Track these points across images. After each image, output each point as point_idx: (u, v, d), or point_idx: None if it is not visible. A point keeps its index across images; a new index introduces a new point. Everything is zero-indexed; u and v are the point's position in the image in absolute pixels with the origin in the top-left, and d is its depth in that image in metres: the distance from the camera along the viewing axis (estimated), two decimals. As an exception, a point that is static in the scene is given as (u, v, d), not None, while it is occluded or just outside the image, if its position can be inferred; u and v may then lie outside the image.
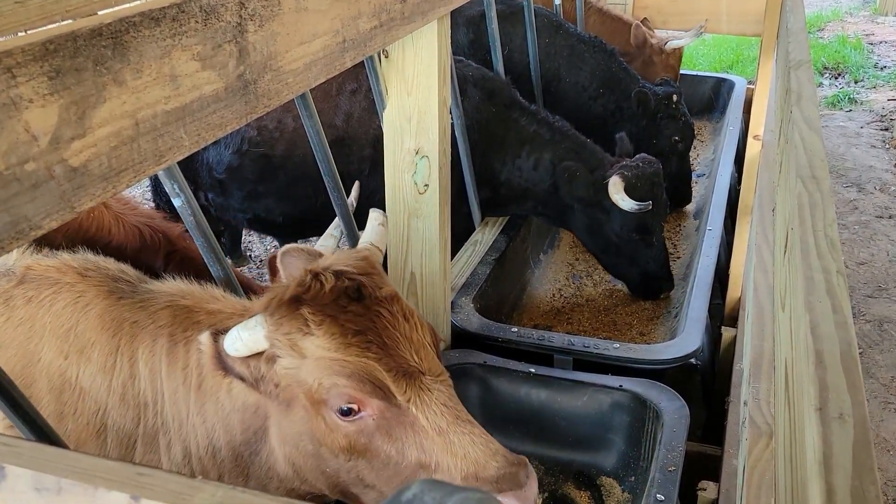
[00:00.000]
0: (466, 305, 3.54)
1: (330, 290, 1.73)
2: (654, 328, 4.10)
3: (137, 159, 1.40)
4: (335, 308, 1.72)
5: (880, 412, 4.14)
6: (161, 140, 1.46)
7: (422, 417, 1.70)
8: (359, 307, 1.74)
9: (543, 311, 4.21)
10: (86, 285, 2.03)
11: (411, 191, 3.07)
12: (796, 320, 1.19)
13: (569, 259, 4.73)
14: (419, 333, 1.78)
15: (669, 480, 2.64)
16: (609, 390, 3.10)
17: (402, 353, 1.73)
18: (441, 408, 1.71)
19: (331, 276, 1.75)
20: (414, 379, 1.72)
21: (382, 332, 1.73)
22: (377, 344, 1.71)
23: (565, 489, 3.12)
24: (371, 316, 1.74)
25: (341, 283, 1.75)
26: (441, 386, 1.74)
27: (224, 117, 1.63)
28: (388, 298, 1.78)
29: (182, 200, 2.00)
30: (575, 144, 4.20)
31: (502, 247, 4.11)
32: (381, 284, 1.80)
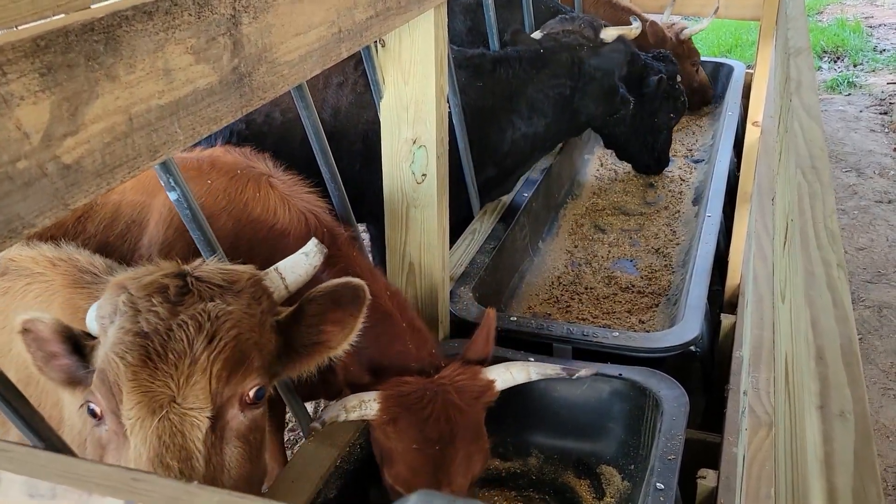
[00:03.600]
0: (465, 295, 3.54)
1: (150, 281, 1.65)
2: (653, 315, 4.09)
3: (131, 155, 1.39)
4: (145, 302, 1.62)
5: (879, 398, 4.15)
6: (155, 135, 1.44)
7: (132, 444, 1.57)
8: (166, 309, 1.62)
9: (542, 298, 4.20)
10: (54, 275, 2.04)
11: (409, 181, 3.05)
12: (797, 314, 1.18)
13: (567, 246, 4.72)
14: (208, 359, 1.60)
15: (669, 469, 2.64)
16: (608, 379, 3.10)
17: (165, 372, 1.58)
18: (154, 440, 1.55)
19: (171, 270, 1.67)
20: (156, 402, 1.56)
21: (162, 343, 1.58)
22: (146, 353, 1.57)
23: (565, 478, 3.12)
24: (168, 324, 1.61)
25: (166, 279, 1.66)
26: (182, 420, 1.56)
27: (219, 111, 1.62)
28: (204, 314, 1.62)
29: (178, 194, 1.98)
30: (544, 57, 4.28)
31: (501, 235, 4.10)
32: (220, 301, 1.66)
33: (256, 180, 2.71)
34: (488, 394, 2.52)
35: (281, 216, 2.65)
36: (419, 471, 2.36)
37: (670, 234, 4.91)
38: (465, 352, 2.62)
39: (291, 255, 1.86)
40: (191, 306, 1.62)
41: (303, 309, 1.83)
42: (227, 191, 2.67)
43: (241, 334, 1.67)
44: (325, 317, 1.82)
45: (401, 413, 2.35)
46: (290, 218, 2.65)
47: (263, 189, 2.69)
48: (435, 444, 2.37)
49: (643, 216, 5.15)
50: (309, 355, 1.85)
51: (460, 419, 2.41)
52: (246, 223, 2.63)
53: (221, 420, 1.64)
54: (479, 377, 2.52)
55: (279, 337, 1.81)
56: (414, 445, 2.34)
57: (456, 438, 2.40)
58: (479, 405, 2.50)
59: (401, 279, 3.22)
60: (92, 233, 2.71)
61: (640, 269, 4.51)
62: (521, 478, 3.14)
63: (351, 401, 2.35)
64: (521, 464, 3.18)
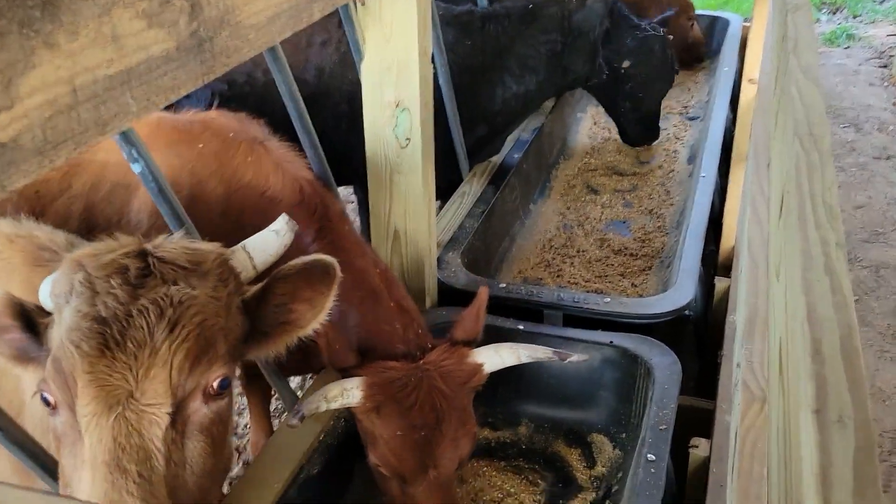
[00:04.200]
0: (453, 261, 3.45)
1: (109, 261, 1.53)
2: (646, 279, 4.01)
3: (77, 129, 1.29)
4: (104, 284, 1.51)
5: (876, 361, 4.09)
6: (104, 107, 1.34)
7: (87, 442, 1.47)
8: (126, 292, 1.50)
9: (533, 263, 4.12)
10: (12, 252, 1.93)
11: (393, 145, 2.95)
12: (792, 299, 1.09)
13: (559, 208, 4.62)
14: (169, 349, 1.50)
15: (661, 439, 2.58)
16: (599, 346, 3.03)
17: (123, 363, 1.47)
18: (110, 441, 1.45)
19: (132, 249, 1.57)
20: (112, 397, 1.46)
21: (121, 331, 1.48)
22: (104, 341, 1.47)
23: (556, 447, 3.07)
24: (128, 308, 1.50)
25: (126, 259, 1.54)
26: (140, 418, 1.47)
27: (177, 79, 1.51)
28: (166, 299, 1.52)
29: (142, 166, 1.88)
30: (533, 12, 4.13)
31: (490, 198, 4.00)
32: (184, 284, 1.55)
33: (249, 145, 2.61)
34: (476, 378, 2.44)
35: (273, 182, 2.55)
36: (404, 456, 2.30)
37: (664, 194, 4.81)
38: (454, 331, 2.53)
39: (260, 231, 1.76)
40: (152, 289, 1.51)
41: (271, 288, 1.73)
42: (218, 155, 2.58)
43: (206, 321, 1.57)
44: (294, 295, 1.73)
45: (384, 401, 2.28)
46: (283, 185, 2.55)
47: (256, 154, 2.59)
48: (420, 430, 2.30)
49: (637, 176, 5.05)
50: (277, 335, 1.76)
51: (446, 405, 2.34)
52: (237, 188, 2.54)
53: (183, 414, 1.55)
54: (466, 361, 2.44)
55: (245, 317, 1.71)
56: (398, 432, 2.27)
57: (442, 424, 2.33)
58: (466, 390, 2.43)
59: (386, 247, 3.13)
60: (78, 192, 2.61)
61: (634, 231, 4.42)
62: (510, 447, 3.08)
63: (332, 389, 2.27)
64: (511, 433, 3.13)
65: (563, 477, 2.95)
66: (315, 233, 2.53)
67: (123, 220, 2.55)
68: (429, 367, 2.37)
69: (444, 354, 2.43)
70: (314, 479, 2.49)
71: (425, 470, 2.31)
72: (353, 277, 2.51)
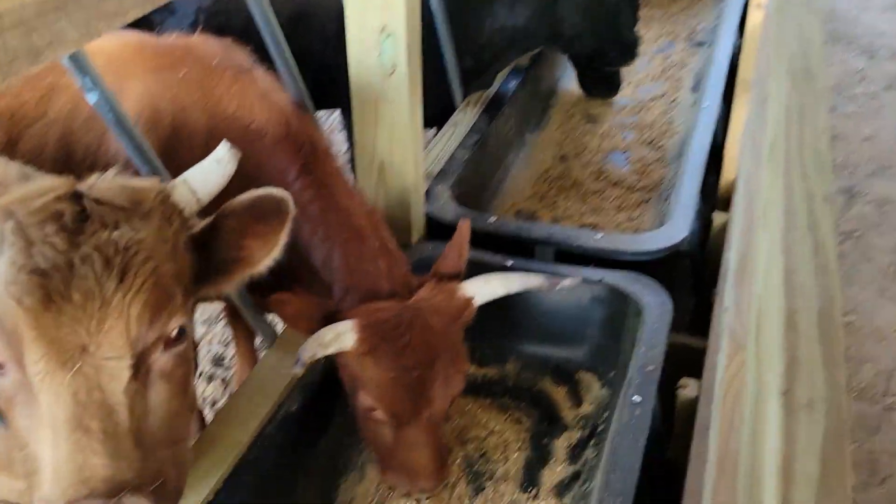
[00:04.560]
0: (443, 194, 3.35)
1: (40, 206, 1.41)
2: (643, 212, 3.92)
3: (4, 59, 1.18)
4: (38, 231, 1.39)
5: (876, 299, 4.01)
6: (36, 34, 1.23)
7: (43, 401, 1.38)
8: (63, 240, 1.39)
9: (527, 195, 4.01)
10: None
11: (378, 73, 2.82)
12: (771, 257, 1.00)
13: (557, 138, 4.49)
14: (123, 301, 1.40)
15: (647, 381, 2.53)
16: (589, 284, 2.95)
17: (72, 316, 1.37)
18: (69, 398, 1.37)
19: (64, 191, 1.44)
20: (65, 352, 1.37)
21: (65, 282, 1.37)
22: (47, 294, 1.36)
23: (542, 385, 3.02)
24: (69, 257, 1.38)
25: (59, 204, 1.42)
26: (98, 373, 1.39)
27: (123, 4, 1.40)
28: (110, 245, 1.41)
29: (98, 96, 1.77)
30: None
31: (484, 128, 3.88)
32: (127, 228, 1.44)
33: (234, 74, 2.48)
34: (467, 313, 2.38)
35: (259, 115, 2.43)
36: (397, 398, 2.24)
37: (666, 123, 4.67)
38: (436, 266, 2.45)
39: (200, 162, 1.64)
40: (93, 235, 1.41)
41: (219, 223, 1.63)
42: (201, 83, 2.45)
43: (158, 267, 1.47)
44: (245, 231, 1.63)
45: (378, 343, 2.20)
46: (269, 118, 2.43)
47: (241, 83, 2.47)
48: (414, 370, 2.24)
49: (639, 104, 4.89)
50: (228, 273, 1.67)
51: (439, 343, 2.28)
52: (221, 120, 2.43)
53: (143, 365, 1.47)
54: (456, 295, 2.36)
55: (194, 254, 1.62)
56: (392, 374, 2.21)
57: (435, 363, 2.27)
58: (458, 325, 2.36)
59: (370, 179, 3.03)
60: (54, 117, 2.49)
61: (632, 162, 4.30)
62: (496, 384, 3.04)
63: (326, 334, 2.19)
64: (497, 370, 3.08)
65: (548, 415, 2.91)
66: (299, 169, 2.42)
67: (103, 149, 2.44)
68: (420, 305, 2.30)
69: (434, 291, 2.35)
70: (293, 417, 2.44)
71: (419, 411, 2.26)
72: (338, 217, 2.42)
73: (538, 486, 2.63)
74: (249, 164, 2.37)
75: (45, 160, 2.42)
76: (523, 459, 2.74)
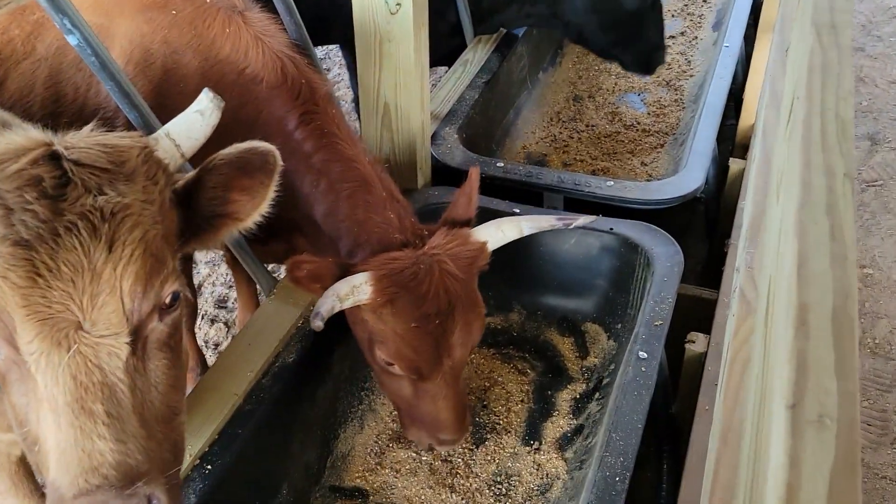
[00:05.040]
0: (450, 136, 3.24)
1: (16, 171, 1.31)
2: (657, 157, 3.80)
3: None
4: (16, 198, 1.29)
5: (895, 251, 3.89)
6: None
7: (41, 383, 1.32)
8: (45, 207, 1.30)
9: (538, 137, 3.90)
10: None
11: (382, 11, 2.69)
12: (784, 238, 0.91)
13: (571, 77, 4.35)
14: (114, 273, 1.33)
15: (654, 336, 2.46)
16: (598, 233, 2.86)
17: (62, 291, 1.29)
18: (69, 380, 1.31)
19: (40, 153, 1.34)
20: (58, 331, 1.29)
21: (51, 254, 1.28)
22: (33, 268, 1.27)
23: (548, 335, 2.96)
24: (53, 227, 1.29)
25: (37, 168, 1.32)
26: (96, 351, 1.33)
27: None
28: (95, 212, 1.32)
29: (78, 38, 1.67)
30: None
31: (494, 67, 3.74)
32: (112, 192, 1.35)
33: (227, 14, 2.36)
34: (481, 257, 2.30)
35: (253, 58, 2.32)
36: (419, 349, 2.17)
37: (685, 63, 4.51)
38: (446, 214, 2.36)
39: (182, 113, 1.55)
40: (76, 201, 1.32)
41: (203, 178, 1.54)
42: (193, 23, 2.34)
43: (147, 232, 1.39)
44: (229, 186, 1.55)
45: (398, 293, 2.12)
46: (264, 62, 2.32)
47: (235, 24, 2.35)
48: (435, 318, 2.16)
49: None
50: (214, 228, 1.58)
51: (458, 289, 2.20)
52: (214, 63, 2.32)
53: (140, 337, 1.41)
54: (469, 241, 2.28)
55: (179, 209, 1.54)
56: (413, 324, 2.14)
57: (455, 310, 2.19)
58: (474, 271, 2.29)
59: (375, 121, 2.93)
60: (42, 54, 2.40)
61: (648, 104, 4.17)
62: (501, 334, 2.98)
63: (342, 288, 2.11)
64: (501, 319, 3.02)
65: (553, 367, 2.86)
66: (298, 118, 2.32)
67: (93, 91, 2.35)
68: (436, 252, 2.22)
69: (447, 237, 2.27)
70: (290, 368, 2.40)
71: (441, 361, 2.20)
72: (343, 167, 2.33)
73: (540, 439, 2.59)
74: (245, 111, 2.28)
75: (34, 101, 2.33)
76: (526, 412, 2.70)
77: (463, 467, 2.50)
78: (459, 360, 2.28)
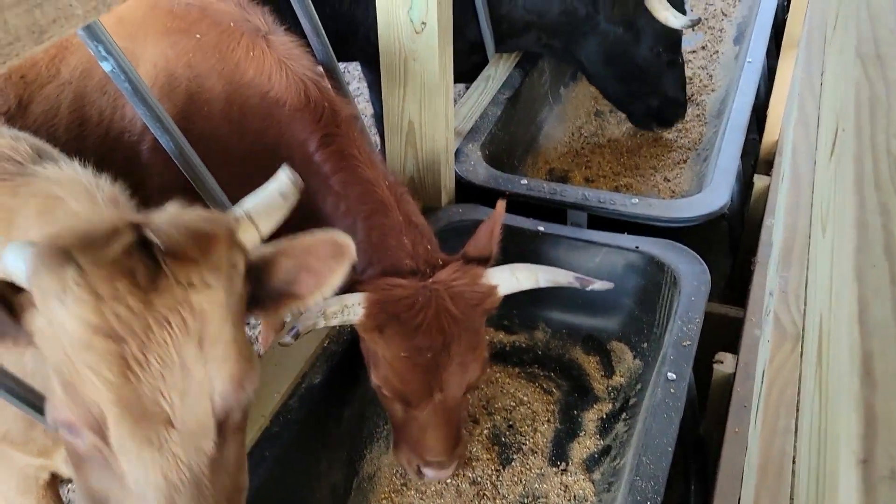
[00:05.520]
0: (473, 153, 3.24)
1: (110, 261, 1.26)
2: (680, 173, 3.78)
3: (5, 40, 1.10)
4: (108, 287, 1.25)
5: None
6: (39, 11, 1.14)
7: (130, 478, 1.28)
8: (137, 299, 1.25)
9: (560, 153, 3.89)
10: None
11: (407, 30, 2.70)
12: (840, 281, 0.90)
13: (592, 92, 4.32)
14: (204, 372, 1.29)
15: (683, 357, 2.44)
16: (624, 251, 2.85)
17: (152, 386, 1.25)
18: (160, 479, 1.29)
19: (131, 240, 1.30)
20: (149, 428, 1.26)
21: (142, 348, 1.25)
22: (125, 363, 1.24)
23: (573, 354, 2.95)
24: (144, 320, 1.25)
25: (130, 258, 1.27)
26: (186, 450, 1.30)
27: (133, -28, 1.30)
28: (185, 306, 1.28)
29: (112, 65, 1.68)
30: None
31: (517, 83, 3.74)
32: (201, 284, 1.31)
33: (252, 37, 2.36)
34: (489, 301, 2.25)
35: (277, 82, 2.32)
36: (408, 378, 2.16)
37: (706, 78, 4.49)
38: (466, 248, 2.34)
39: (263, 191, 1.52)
40: (165, 292, 1.28)
41: (276, 262, 1.52)
42: (218, 47, 2.34)
43: (235, 328, 1.34)
44: (300, 266, 1.54)
45: (388, 321, 2.12)
46: (288, 85, 2.32)
47: (259, 48, 2.34)
48: (426, 352, 2.15)
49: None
50: (276, 303, 1.56)
51: (455, 328, 2.17)
52: (238, 87, 2.32)
53: (223, 429, 1.37)
54: (479, 281, 2.24)
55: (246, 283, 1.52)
56: (403, 353, 2.13)
57: (450, 347, 2.17)
58: (478, 312, 2.25)
59: (399, 139, 2.93)
60: (67, 78, 2.41)
61: (670, 119, 4.14)
62: (526, 352, 2.97)
63: (332, 305, 2.10)
64: (526, 337, 3.01)
65: (578, 386, 2.84)
66: (320, 140, 2.31)
67: (118, 114, 2.36)
68: (438, 287, 2.19)
69: (456, 273, 2.24)
70: (316, 389, 2.39)
71: (430, 393, 2.18)
72: (361, 189, 2.32)
73: (567, 460, 2.57)
74: (269, 133, 2.28)
75: (59, 125, 2.34)
76: (552, 432, 2.69)
77: (490, 489, 2.49)
78: (452, 395, 2.25)
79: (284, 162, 2.27)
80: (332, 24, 2.76)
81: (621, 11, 3.61)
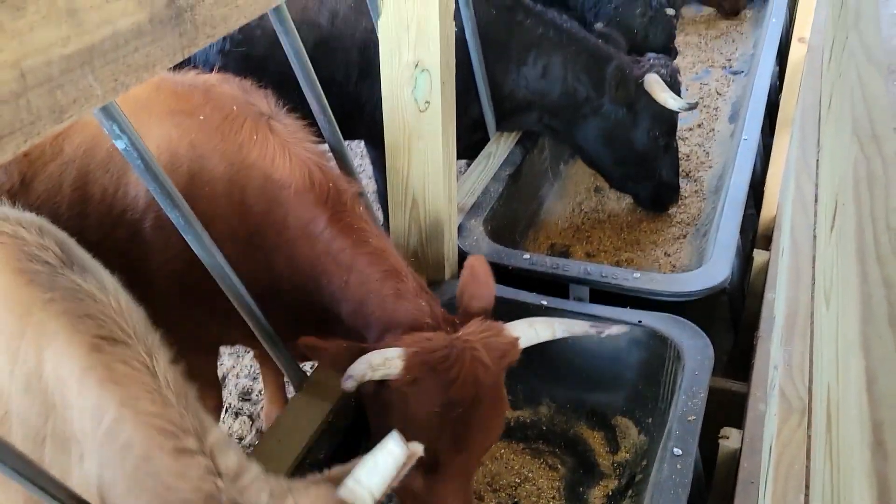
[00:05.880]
0: (476, 229, 3.28)
1: None
2: (680, 248, 3.82)
3: (27, 119, 1.13)
4: None
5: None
6: (61, 92, 1.18)
7: None
8: None
9: (561, 228, 3.94)
10: None
11: (411, 108, 2.76)
12: (845, 353, 0.91)
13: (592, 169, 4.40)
14: None
15: (688, 432, 2.42)
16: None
17: None
18: None
19: None
20: None
21: None
22: None
23: (577, 429, 2.93)
24: None
25: None
26: None
27: (151, 55, 1.35)
28: None
29: (125, 143, 1.72)
30: (586, 47, 3.82)
31: (518, 160, 3.80)
32: None
33: (255, 121, 2.40)
34: (512, 353, 2.23)
35: (280, 165, 2.35)
36: (437, 437, 2.09)
37: (703, 155, 4.57)
38: (467, 305, 2.32)
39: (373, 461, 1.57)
40: None
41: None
42: (220, 129, 2.37)
43: None
44: None
45: (425, 374, 2.08)
46: (291, 168, 2.35)
47: (262, 132, 2.38)
48: (458, 406, 2.10)
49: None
50: None
51: (487, 380, 2.13)
52: (240, 168, 2.35)
53: None
54: (503, 334, 2.22)
55: None
56: (436, 409, 2.08)
57: (480, 402, 2.13)
58: (503, 364, 2.22)
59: (403, 214, 2.97)
60: (70, 156, 2.44)
61: (669, 195, 4.20)
62: (530, 428, 2.95)
63: (375, 357, 2.07)
64: (531, 413, 2.99)
65: (584, 462, 2.82)
66: (327, 219, 2.34)
67: (121, 192, 2.39)
68: (471, 339, 2.16)
69: (481, 327, 2.22)
70: (320, 465, 2.37)
71: (457, 454, 2.13)
72: (372, 257, 2.32)
73: (573, 538, 2.53)
74: (274, 214, 2.31)
75: (61, 202, 2.37)
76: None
77: (495, 568, 2.44)
78: (475, 456, 2.21)
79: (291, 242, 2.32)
80: (338, 103, 2.83)
81: (624, 94, 3.72)
